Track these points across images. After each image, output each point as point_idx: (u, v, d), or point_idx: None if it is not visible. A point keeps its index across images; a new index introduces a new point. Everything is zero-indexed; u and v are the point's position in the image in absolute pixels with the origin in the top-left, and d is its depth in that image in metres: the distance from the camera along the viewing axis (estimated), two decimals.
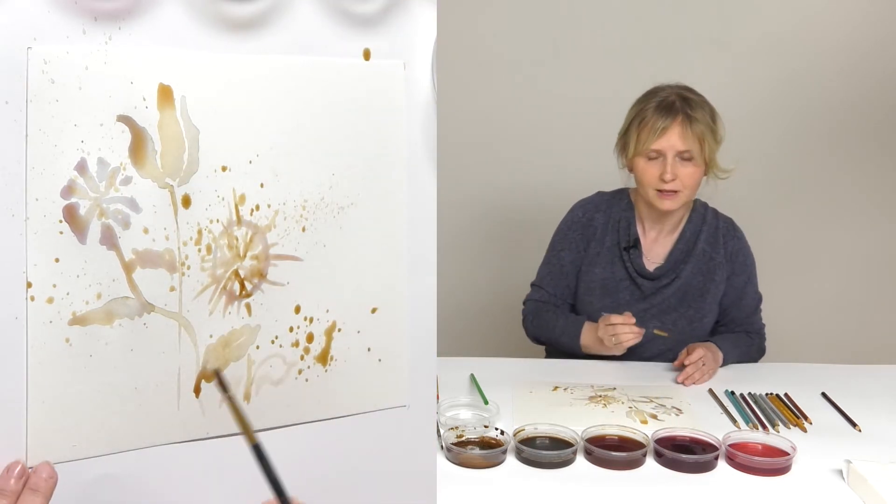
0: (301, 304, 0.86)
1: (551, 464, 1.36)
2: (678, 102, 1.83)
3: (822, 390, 1.72)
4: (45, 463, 0.72)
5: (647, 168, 1.86)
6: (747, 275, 1.97)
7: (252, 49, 0.82)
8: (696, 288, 1.94)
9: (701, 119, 1.82)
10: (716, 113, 1.88)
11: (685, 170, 1.83)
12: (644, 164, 1.86)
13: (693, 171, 1.84)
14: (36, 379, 0.73)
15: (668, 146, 1.82)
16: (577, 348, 1.93)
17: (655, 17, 2.76)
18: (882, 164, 2.83)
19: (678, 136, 1.81)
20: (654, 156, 1.84)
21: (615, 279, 1.96)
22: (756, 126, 2.79)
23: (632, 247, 1.96)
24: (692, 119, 1.81)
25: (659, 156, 1.84)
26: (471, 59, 2.73)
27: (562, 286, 2.02)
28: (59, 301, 0.74)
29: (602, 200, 2.03)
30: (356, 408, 0.91)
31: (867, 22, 2.75)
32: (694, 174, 1.84)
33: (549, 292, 2.03)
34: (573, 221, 2.03)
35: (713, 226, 1.98)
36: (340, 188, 0.88)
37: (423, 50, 0.91)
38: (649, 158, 1.85)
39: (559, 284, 2.02)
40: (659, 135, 1.81)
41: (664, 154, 1.83)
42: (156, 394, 0.79)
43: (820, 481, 1.33)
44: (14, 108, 0.71)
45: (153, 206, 0.77)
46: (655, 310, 1.95)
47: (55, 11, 0.72)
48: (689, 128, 1.81)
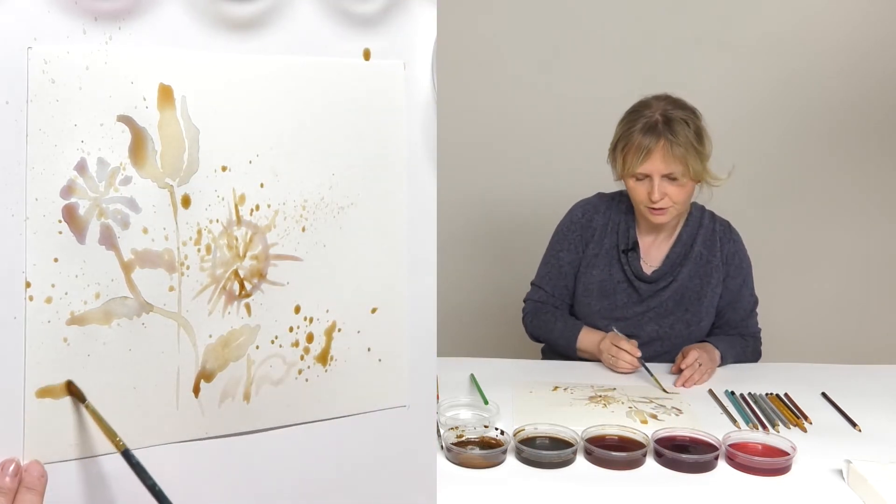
0: (301, 304, 0.86)
1: (551, 464, 1.36)
2: (661, 125, 1.83)
3: (822, 390, 1.72)
4: (35, 461, 0.73)
5: (636, 187, 1.88)
6: (742, 277, 1.98)
7: (252, 49, 0.82)
8: (693, 291, 1.95)
9: (683, 141, 1.82)
10: (701, 129, 1.87)
11: (672, 188, 1.84)
12: (633, 183, 1.89)
13: (680, 189, 1.85)
14: (34, 379, 0.73)
15: (652, 169, 1.83)
16: (572, 352, 1.95)
17: (656, 18, 2.76)
18: (882, 164, 2.83)
19: (661, 159, 1.82)
20: (641, 177, 1.86)
21: (613, 281, 1.97)
22: (756, 126, 2.79)
23: (630, 250, 1.97)
24: (673, 143, 1.81)
25: (646, 177, 1.85)
26: (471, 59, 2.73)
27: (560, 286, 2.03)
28: (58, 301, 0.74)
29: (602, 202, 2.04)
30: (356, 408, 0.91)
31: (867, 22, 2.75)
32: (681, 192, 1.85)
33: (547, 292, 2.04)
34: (572, 222, 2.04)
35: (710, 229, 1.98)
36: (340, 188, 0.87)
37: (423, 50, 0.91)
38: (637, 179, 1.87)
39: (557, 285, 2.03)
40: (643, 159, 1.83)
41: (650, 176, 1.84)
42: (154, 394, 0.79)
43: (820, 481, 1.33)
44: (14, 108, 0.71)
45: (153, 206, 0.77)
46: (653, 313, 1.95)
47: (55, 11, 0.72)
48: (671, 151, 1.81)
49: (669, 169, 1.82)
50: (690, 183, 1.86)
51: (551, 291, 2.04)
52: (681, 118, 1.85)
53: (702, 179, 1.88)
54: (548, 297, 2.04)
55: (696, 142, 1.84)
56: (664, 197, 1.84)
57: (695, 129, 1.85)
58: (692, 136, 1.83)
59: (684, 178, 1.83)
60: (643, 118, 1.86)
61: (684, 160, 1.81)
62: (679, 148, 1.81)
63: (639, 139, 1.83)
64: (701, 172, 1.84)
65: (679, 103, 1.89)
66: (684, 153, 1.81)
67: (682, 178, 1.83)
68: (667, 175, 1.83)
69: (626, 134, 1.87)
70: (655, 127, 1.83)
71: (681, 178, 1.83)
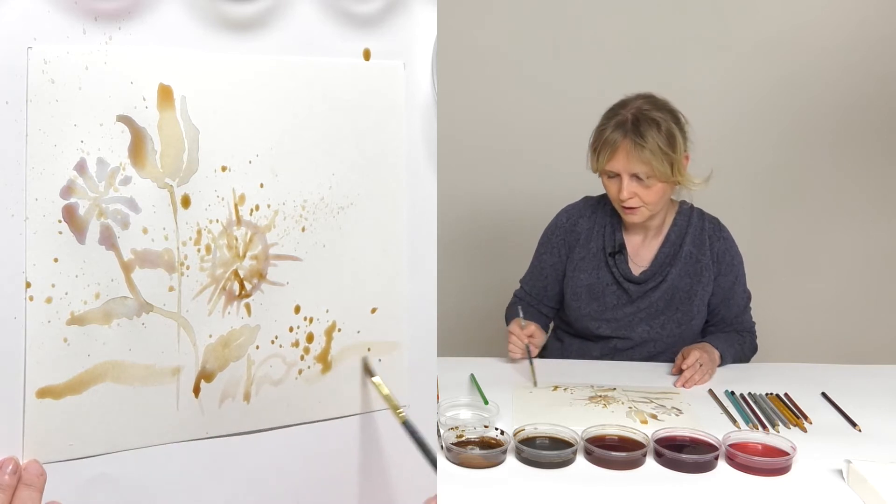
0: (301, 304, 0.86)
1: (551, 464, 1.36)
2: (629, 124, 1.82)
3: (822, 390, 1.72)
4: (34, 461, 0.73)
5: (608, 185, 1.89)
6: (735, 274, 1.97)
7: (252, 49, 0.82)
8: (683, 290, 1.94)
9: (649, 143, 1.79)
10: (674, 132, 1.83)
11: (640, 189, 1.83)
12: (606, 180, 1.89)
13: (647, 190, 1.83)
14: (34, 379, 0.73)
15: (619, 167, 1.83)
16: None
17: (656, 19, 2.76)
18: (882, 164, 2.83)
19: (625, 158, 1.81)
20: (611, 174, 1.86)
21: (601, 284, 1.97)
22: (756, 127, 2.79)
23: (616, 252, 1.96)
24: (637, 145, 1.79)
25: (616, 175, 1.85)
26: (471, 59, 2.73)
27: (538, 287, 2.07)
28: (58, 301, 0.74)
29: (587, 206, 2.05)
30: (356, 408, 0.91)
31: (867, 22, 2.75)
32: (651, 192, 1.84)
33: (526, 291, 2.10)
34: (557, 227, 2.05)
35: (699, 227, 1.97)
36: (340, 188, 0.88)
37: (423, 50, 0.91)
38: (609, 176, 1.87)
39: (536, 285, 2.07)
40: (609, 156, 1.83)
41: (620, 174, 1.84)
42: (155, 394, 0.79)
43: (820, 481, 1.33)
44: (14, 108, 0.71)
45: (152, 206, 0.77)
46: (643, 313, 1.95)
47: (55, 11, 0.72)
48: (635, 152, 1.80)
49: (634, 169, 1.81)
50: (659, 185, 1.83)
51: (529, 290, 2.09)
52: (652, 119, 1.82)
53: (681, 180, 1.86)
54: (524, 296, 2.10)
55: (665, 144, 1.80)
56: (633, 196, 1.83)
57: (666, 131, 1.81)
58: (660, 139, 1.80)
59: (650, 179, 1.82)
60: (617, 116, 1.86)
61: (648, 162, 1.79)
62: (643, 150, 1.79)
63: (608, 135, 1.83)
64: (669, 175, 1.82)
65: (658, 104, 1.87)
66: (649, 155, 1.79)
67: (648, 179, 1.82)
68: (634, 175, 1.82)
69: (600, 130, 1.88)
70: (624, 125, 1.82)
71: (646, 180, 1.82)
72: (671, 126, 1.84)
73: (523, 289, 2.11)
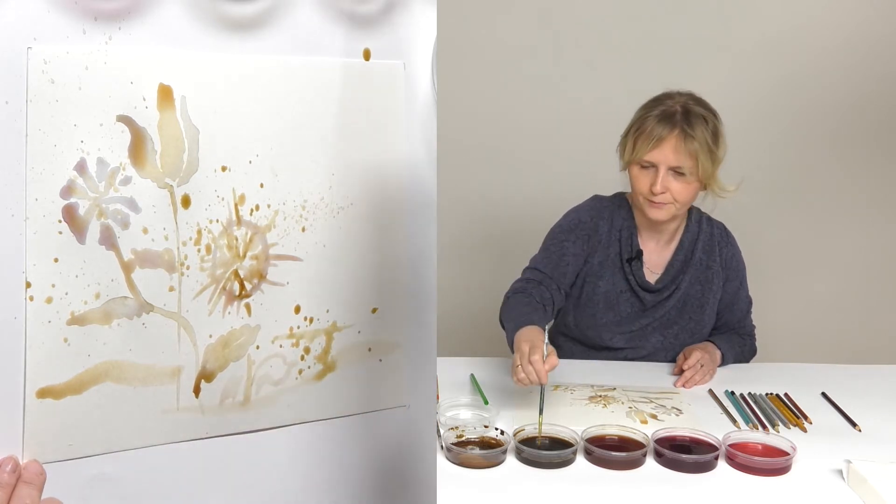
0: (301, 304, 0.86)
1: (551, 464, 1.36)
2: (679, 115, 1.79)
3: (822, 390, 1.72)
4: (34, 461, 0.73)
5: (639, 176, 1.83)
6: (739, 280, 1.97)
7: (252, 49, 0.82)
8: (694, 298, 1.92)
9: (699, 136, 1.77)
10: (719, 132, 1.82)
11: (676, 184, 1.79)
12: (637, 171, 1.83)
13: (684, 186, 1.80)
14: (34, 379, 0.73)
15: (661, 158, 1.78)
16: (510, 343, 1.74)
17: (656, 19, 2.76)
18: (882, 164, 2.83)
19: (672, 149, 1.77)
20: (647, 165, 1.81)
21: (616, 291, 1.93)
22: (756, 127, 2.79)
23: (634, 259, 1.91)
24: (687, 135, 1.77)
25: (652, 166, 1.80)
26: (471, 59, 2.73)
27: (558, 273, 1.92)
28: (58, 301, 0.74)
29: (603, 207, 1.97)
30: (356, 408, 0.91)
31: (867, 22, 2.75)
32: (685, 190, 1.80)
33: (544, 273, 1.92)
34: (580, 221, 1.95)
35: (708, 233, 1.95)
36: (340, 188, 0.87)
37: (423, 50, 0.91)
38: (642, 167, 1.82)
39: (556, 270, 1.92)
40: (653, 146, 1.78)
41: (657, 166, 1.79)
42: (155, 394, 0.79)
43: (820, 481, 1.33)
44: (14, 108, 0.71)
45: (152, 206, 0.77)
46: (657, 323, 1.93)
47: (55, 11, 0.72)
48: (684, 143, 1.76)
49: (679, 161, 1.77)
50: (696, 183, 1.80)
51: (549, 273, 1.91)
52: (701, 114, 1.81)
53: (709, 185, 1.83)
54: (543, 278, 1.91)
55: (712, 141, 1.79)
56: (666, 191, 1.79)
57: (713, 128, 1.81)
58: (708, 135, 1.79)
59: (692, 175, 1.78)
60: (662, 106, 1.82)
61: (696, 156, 1.76)
62: (693, 142, 1.76)
63: (652, 125, 1.79)
64: (710, 175, 1.79)
65: (702, 102, 1.86)
66: (697, 149, 1.76)
67: (690, 175, 1.78)
68: (674, 168, 1.78)
69: (642, 119, 1.83)
70: (673, 116, 1.79)
71: (688, 175, 1.78)
72: (717, 125, 1.83)
73: (539, 270, 1.92)
